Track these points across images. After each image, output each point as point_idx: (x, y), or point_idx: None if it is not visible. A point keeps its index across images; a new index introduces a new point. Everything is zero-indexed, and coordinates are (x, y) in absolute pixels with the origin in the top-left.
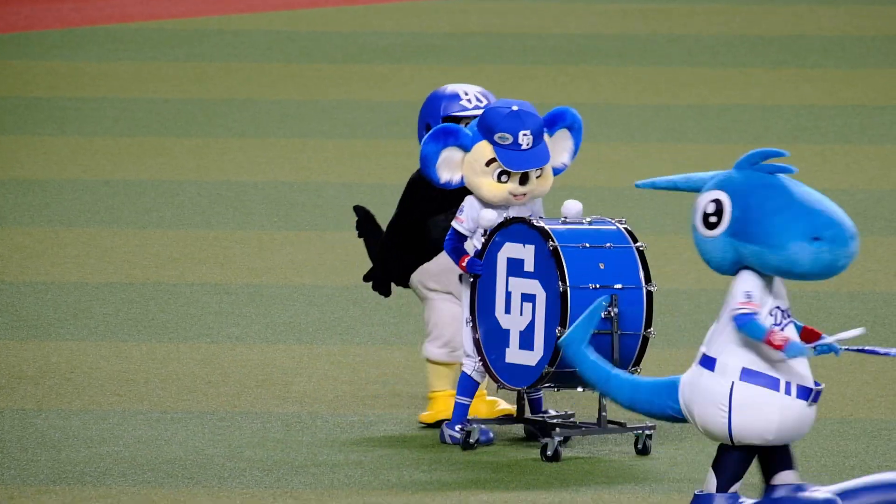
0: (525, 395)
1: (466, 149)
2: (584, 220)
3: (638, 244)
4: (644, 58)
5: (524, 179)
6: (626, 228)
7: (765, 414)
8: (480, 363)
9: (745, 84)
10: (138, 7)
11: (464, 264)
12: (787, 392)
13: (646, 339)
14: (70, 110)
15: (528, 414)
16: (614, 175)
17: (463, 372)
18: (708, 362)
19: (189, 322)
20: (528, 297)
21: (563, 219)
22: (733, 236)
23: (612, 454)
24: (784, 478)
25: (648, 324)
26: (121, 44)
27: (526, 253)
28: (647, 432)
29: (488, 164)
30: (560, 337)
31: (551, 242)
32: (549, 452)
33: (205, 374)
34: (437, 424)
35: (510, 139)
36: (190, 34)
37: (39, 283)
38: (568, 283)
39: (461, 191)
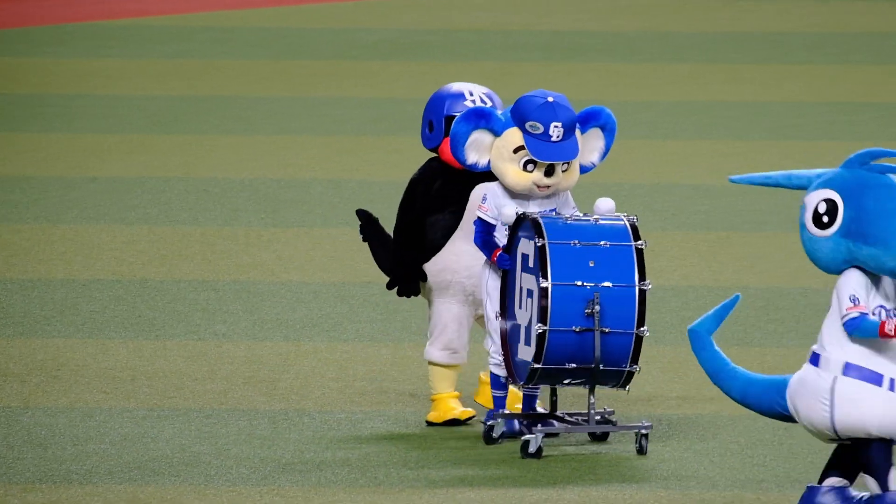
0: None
1: (497, 133)
2: (591, 217)
3: (638, 242)
4: (631, 54)
5: (550, 171)
6: (632, 225)
7: (868, 408)
8: (501, 357)
9: (731, 80)
10: (125, 4)
11: (495, 259)
12: (891, 388)
13: (639, 338)
14: (57, 107)
15: (558, 411)
16: (601, 171)
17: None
18: (814, 358)
19: (176, 319)
20: (530, 293)
21: (569, 215)
22: (847, 237)
23: (600, 451)
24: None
25: (641, 322)
26: (108, 41)
27: (531, 248)
28: (642, 431)
29: (516, 150)
30: (540, 333)
31: (539, 239)
32: (530, 449)
33: (191, 371)
34: (446, 423)
35: (541, 129)
36: (177, 31)
37: (26, 280)
38: (550, 280)
39: (462, 190)
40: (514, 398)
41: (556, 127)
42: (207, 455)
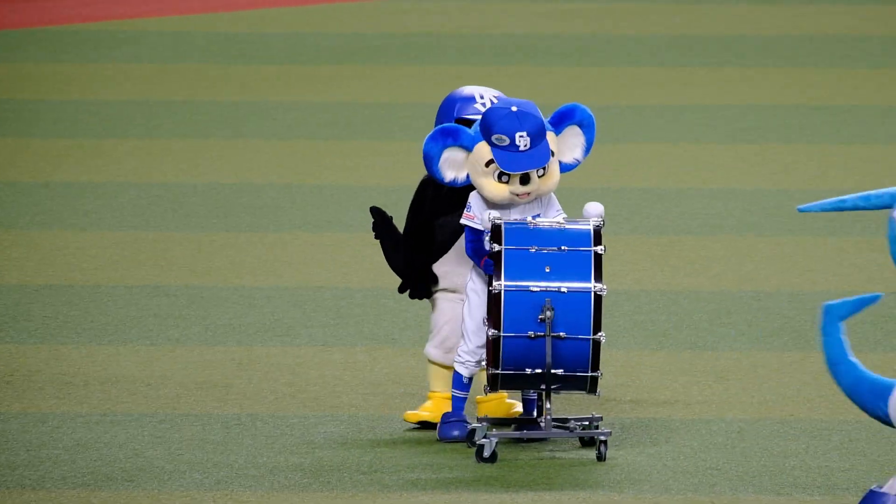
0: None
1: (468, 149)
2: (556, 222)
3: (598, 248)
4: (584, 58)
5: (525, 179)
6: (596, 230)
7: None
8: (469, 358)
9: (685, 84)
10: (77, 9)
11: (482, 265)
12: None
13: (597, 343)
14: (9, 112)
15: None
16: None
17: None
18: None
19: (128, 324)
20: None
21: (533, 219)
22: None
23: (555, 456)
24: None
25: (598, 327)
26: (60, 45)
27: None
28: (602, 438)
29: (487, 164)
30: (496, 339)
31: (495, 245)
32: (485, 454)
33: (144, 376)
34: (423, 424)
35: (507, 141)
36: (129, 35)
37: None
38: (503, 285)
39: (470, 190)
40: (496, 406)
41: (521, 137)
42: (160, 460)
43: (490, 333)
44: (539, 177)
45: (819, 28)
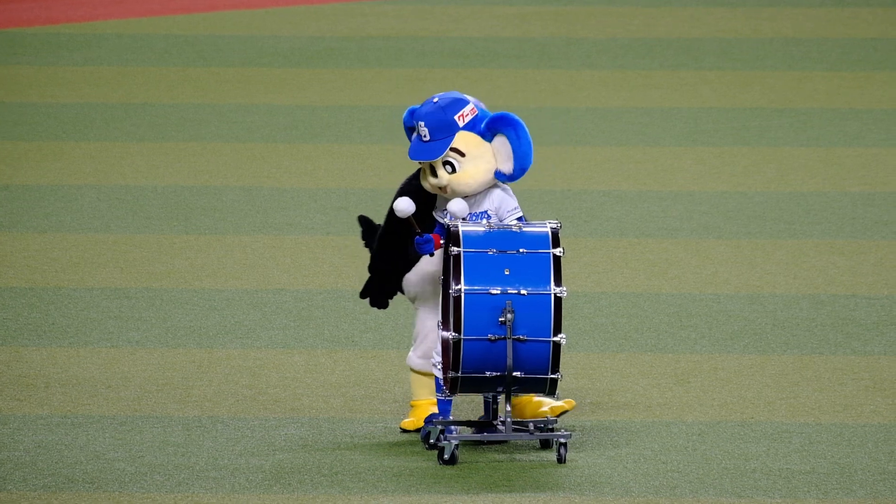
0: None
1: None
2: (513, 224)
3: (556, 249)
4: (542, 60)
5: (433, 172)
6: (554, 232)
7: None
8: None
9: (643, 86)
10: (35, 11)
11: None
12: None
13: (557, 345)
14: None
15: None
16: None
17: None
18: None
19: (89, 326)
20: None
21: (488, 222)
22: None
23: (516, 458)
24: None
25: (558, 329)
26: (18, 48)
27: (450, 258)
28: (561, 440)
29: None
30: (456, 342)
31: (454, 248)
32: (445, 456)
33: (105, 378)
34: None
35: (416, 130)
36: (87, 38)
37: None
38: (463, 289)
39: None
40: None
41: (421, 127)
42: (121, 462)
43: (450, 336)
44: (448, 173)
45: (777, 31)
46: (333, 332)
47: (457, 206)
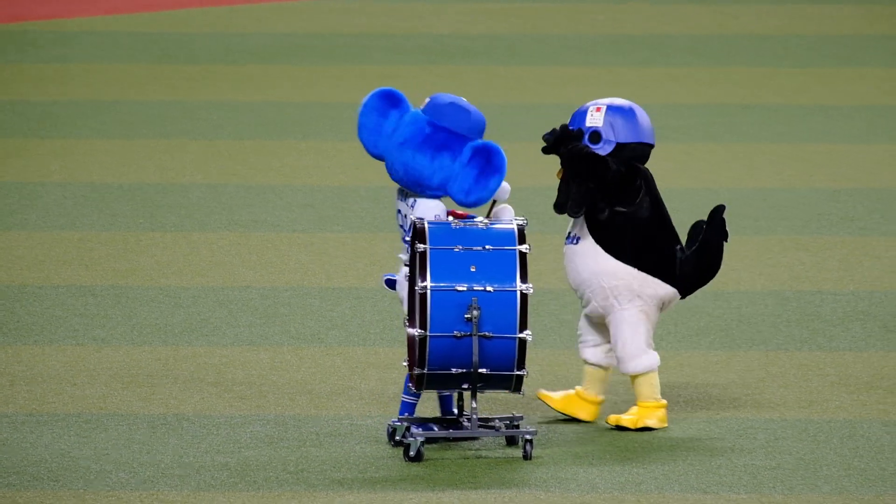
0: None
1: None
2: (480, 221)
3: (522, 246)
4: (510, 57)
5: None
6: (520, 229)
7: None
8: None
9: (611, 83)
10: (3, 9)
11: None
12: None
13: (523, 342)
14: None
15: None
16: None
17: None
18: None
19: (54, 324)
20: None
21: (454, 218)
22: None
23: (482, 455)
24: None
25: (524, 326)
26: None
27: (417, 254)
28: (527, 436)
29: None
30: (422, 339)
31: (420, 245)
32: (411, 453)
33: (70, 376)
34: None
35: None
36: (54, 36)
37: None
38: (429, 286)
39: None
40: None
41: None
42: (87, 460)
43: (416, 333)
44: None
45: (745, 27)
46: (299, 330)
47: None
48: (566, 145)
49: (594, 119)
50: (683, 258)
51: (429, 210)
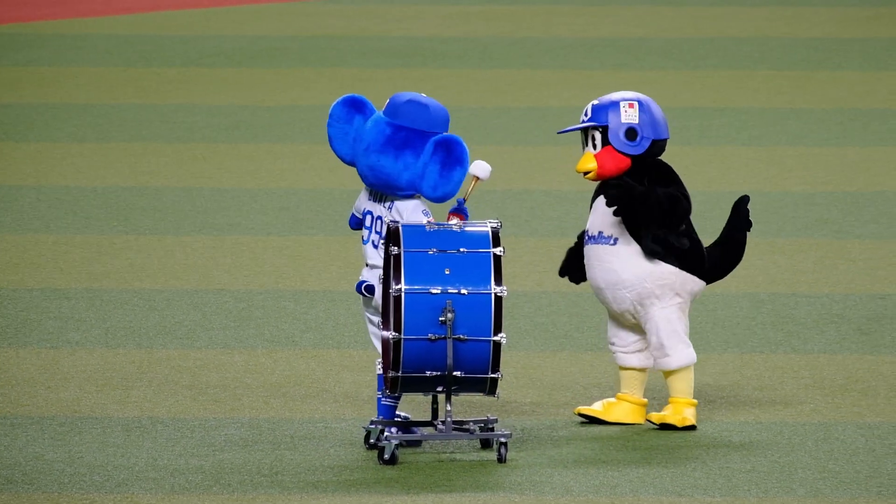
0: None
1: None
2: (454, 224)
3: (496, 249)
4: (485, 60)
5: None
6: (493, 231)
7: None
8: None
9: (585, 86)
10: None
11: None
12: None
13: (497, 345)
14: None
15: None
16: None
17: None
18: None
19: (29, 327)
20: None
21: (429, 221)
22: None
23: (456, 458)
24: None
25: (498, 328)
26: None
27: (391, 257)
28: (502, 440)
29: None
30: (396, 341)
31: (394, 248)
32: (385, 456)
33: (44, 379)
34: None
35: None
36: (28, 38)
37: None
38: (403, 288)
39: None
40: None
41: None
42: (61, 463)
43: (391, 336)
44: None
45: (719, 30)
46: (273, 333)
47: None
48: (638, 199)
49: (629, 115)
50: (709, 250)
51: (411, 211)
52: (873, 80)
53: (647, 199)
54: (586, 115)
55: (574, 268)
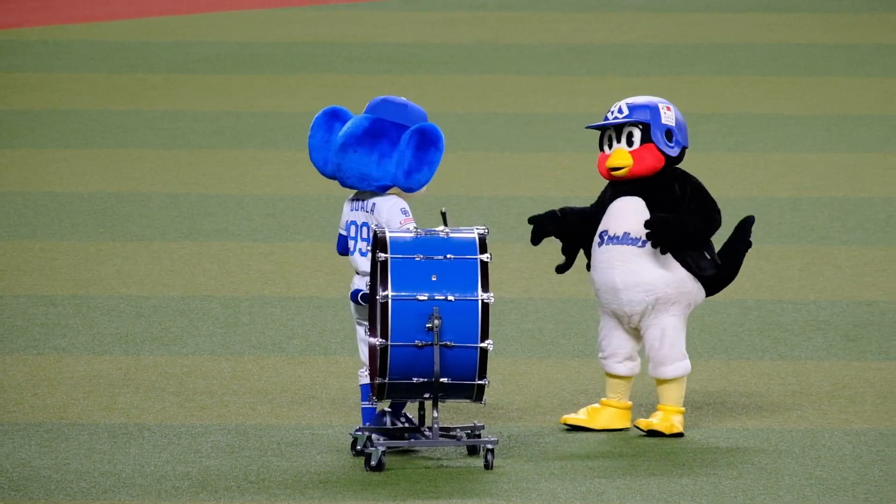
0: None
1: None
2: (440, 230)
3: (483, 256)
4: (470, 66)
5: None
6: (481, 238)
7: None
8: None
9: (570, 92)
10: None
11: None
12: None
13: (484, 351)
14: None
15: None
16: (440, 184)
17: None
18: None
19: (15, 334)
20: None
21: (417, 228)
22: None
23: (443, 465)
24: None
25: (485, 335)
26: None
27: (378, 263)
28: (488, 446)
29: None
30: (384, 348)
31: (381, 254)
32: (372, 463)
33: (31, 385)
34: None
35: None
36: (13, 45)
37: None
38: (390, 295)
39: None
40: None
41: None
42: (48, 469)
43: (378, 342)
44: None
45: (705, 37)
46: (260, 339)
47: None
48: (679, 234)
49: (668, 118)
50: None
51: (390, 208)
52: (859, 85)
53: (685, 227)
54: (621, 112)
55: (570, 260)
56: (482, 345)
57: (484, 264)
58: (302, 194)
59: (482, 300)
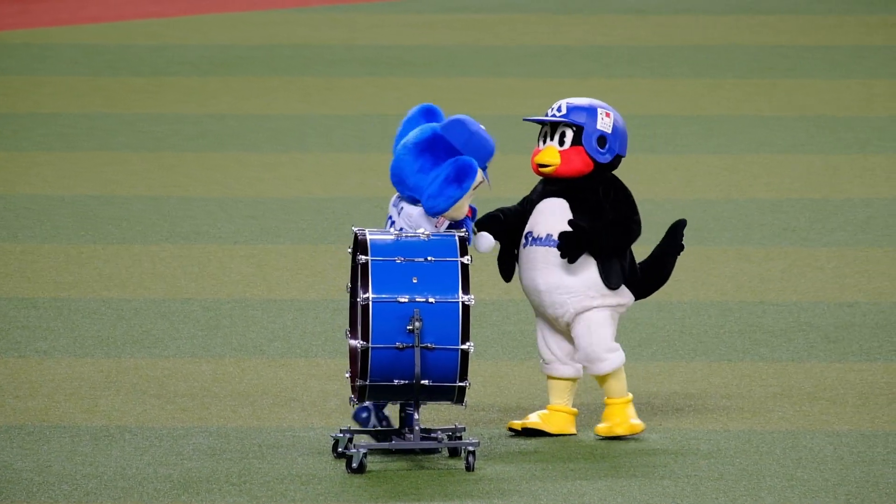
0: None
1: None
2: (421, 232)
3: (464, 258)
4: (451, 69)
5: None
6: (460, 239)
7: None
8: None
9: (552, 94)
10: None
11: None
12: None
13: (465, 353)
14: None
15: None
16: None
17: None
18: None
19: None
20: None
21: (400, 230)
22: None
23: (425, 467)
24: None
25: (466, 337)
26: None
27: (359, 266)
28: (470, 448)
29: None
30: (364, 350)
31: (361, 257)
32: (353, 465)
33: (12, 388)
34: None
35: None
36: None
37: None
38: (370, 297)
39: None
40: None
41: None
42: (29, 472)
43: (358, 345)
44: None
45: (686, 39)
46: (241, 341)
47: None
48: (588, 244)
49: (604, 124)
50: (640, 266)
51: (416, 218)
52: (839, 87)
53: (600, 240)
54: (560, 110)
55: (508, 267)
56: (463, 347)
57: (464, 266)
58: (284, 197)
59: (463, 302)
